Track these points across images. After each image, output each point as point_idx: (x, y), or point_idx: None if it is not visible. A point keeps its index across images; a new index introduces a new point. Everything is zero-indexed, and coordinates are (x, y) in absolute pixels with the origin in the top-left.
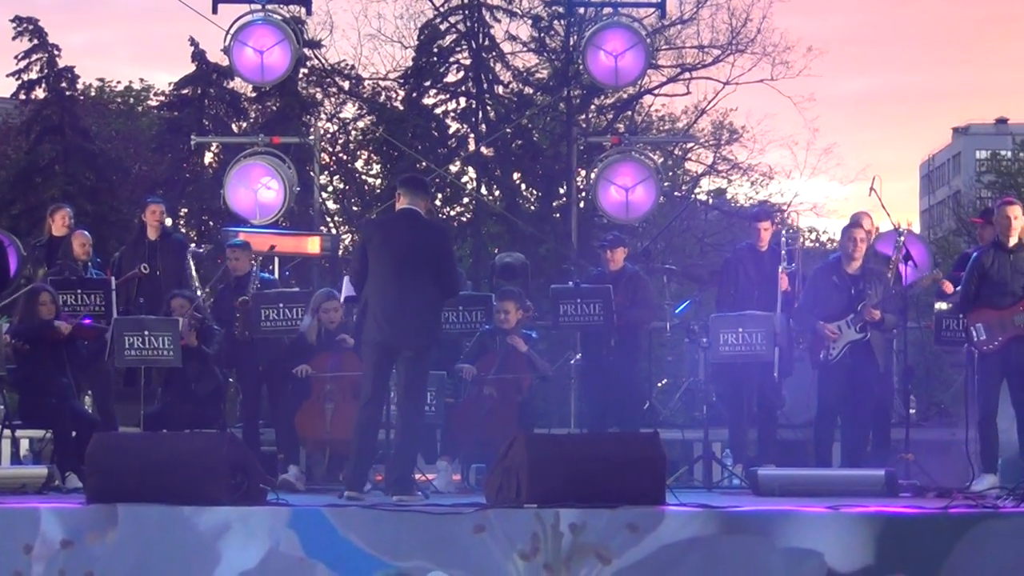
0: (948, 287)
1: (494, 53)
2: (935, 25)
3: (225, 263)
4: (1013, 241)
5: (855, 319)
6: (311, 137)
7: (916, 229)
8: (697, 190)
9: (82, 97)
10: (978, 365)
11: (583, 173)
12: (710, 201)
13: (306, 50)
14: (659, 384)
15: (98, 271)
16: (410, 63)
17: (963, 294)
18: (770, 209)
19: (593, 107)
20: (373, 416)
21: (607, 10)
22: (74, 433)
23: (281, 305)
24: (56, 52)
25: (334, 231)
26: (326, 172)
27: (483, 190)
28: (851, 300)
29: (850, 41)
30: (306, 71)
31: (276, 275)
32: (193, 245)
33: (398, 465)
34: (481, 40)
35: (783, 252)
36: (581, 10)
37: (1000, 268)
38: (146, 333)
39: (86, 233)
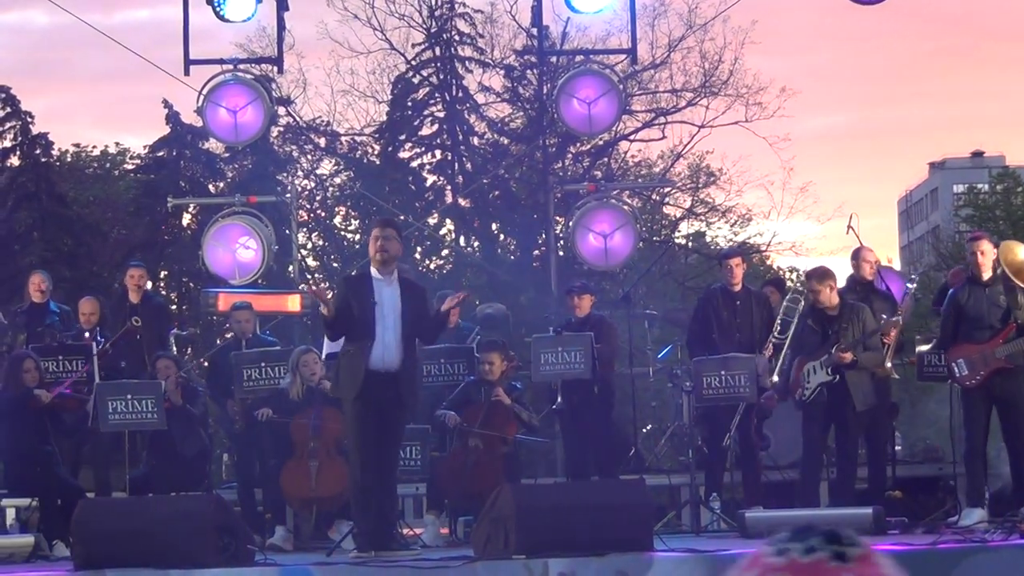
0: None
1: (468, 104)
2: (905, 60)
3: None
4: (987, 275)
5: (827, 362)
6: (288, 195)
7: (896, 265)
8: (676, 234)
9: (58, 163)
10: (962, 400)
11: (561, 221)
12: (689, 245)
13: (280, 108)
14: (644, 429)
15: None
16: (384, 118)
17: (942, 332)
18: (738, 248)
19: (569, 155)
20: None
21: (579, 58)
22: (60, 501)
23: (263, 364)
24: (30, 119)
25: (314, 288)
26: (304, 229)
27: (462, 241)
28: (827, 341)
29: (823, 79)
30: (280, 128)
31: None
32: (177, 328)
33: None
34: (454, 92)
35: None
36: (553, 59)
37: (976, 303)
38: (129, 397)
39: (93, 299)
